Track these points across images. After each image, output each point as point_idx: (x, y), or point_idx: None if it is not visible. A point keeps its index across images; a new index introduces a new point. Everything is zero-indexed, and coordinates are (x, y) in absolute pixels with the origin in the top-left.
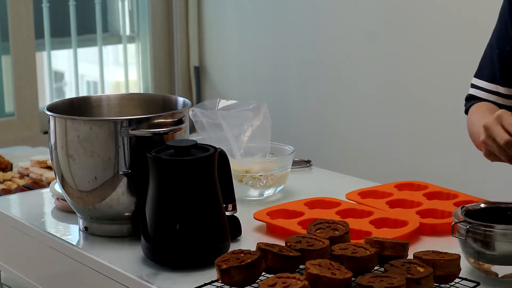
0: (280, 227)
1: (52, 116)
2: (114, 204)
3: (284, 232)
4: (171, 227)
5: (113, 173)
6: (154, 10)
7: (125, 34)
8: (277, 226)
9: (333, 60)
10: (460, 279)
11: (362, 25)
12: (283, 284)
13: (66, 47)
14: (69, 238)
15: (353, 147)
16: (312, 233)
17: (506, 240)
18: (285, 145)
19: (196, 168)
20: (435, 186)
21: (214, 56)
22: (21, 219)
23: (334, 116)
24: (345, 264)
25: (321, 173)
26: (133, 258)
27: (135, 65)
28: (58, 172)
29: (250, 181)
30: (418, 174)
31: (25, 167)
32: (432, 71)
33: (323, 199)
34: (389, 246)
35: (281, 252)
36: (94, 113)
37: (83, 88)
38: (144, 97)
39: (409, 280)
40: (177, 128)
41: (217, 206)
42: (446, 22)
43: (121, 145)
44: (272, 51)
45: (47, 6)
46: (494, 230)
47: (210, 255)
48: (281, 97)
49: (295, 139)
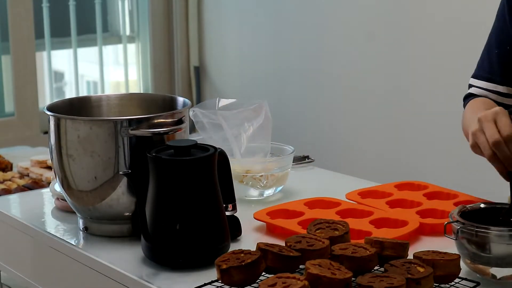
0: (280, 227)
1: (52, 116)
2: (114, 204)
3: (284, 232)
4: (171, 227)
5: (113, 173)
6: (154, 10)
7: (125, 34)
8: (277, 226)
9: (333, 60)
10: (460, 279)
11: (362, 25)
12: (283, 284)
13: (66, 47)
14: (69, 238)
15: (353, 147)
16: (312, 233)
17: (501, 242)
18: (285, 145)
19: (196, 168)
20: (435, 186)
21: (214, 56)
22: (21, 219)
23: (334, 116)
24: (345, 264)
25: (321, 173)
26: (133, 258)
27: (135, 65)
28: (58, 172)
29: (251, 182)
30: (418, 174)
31: (25, 167)
32: (433, 71)
33: (323, 199)
34: (389, 246)
35: (281, 252)
36: (94, 113)
37: (83, 88)
38: (144, 97)
39: (409, 280)
40: (177, 128)
41: (217, 206)
42: (446, 22)
43: (121, 145)
44: (272, 51)
45: (47, 6)
46: (487, 232)
47: (210, 255)
48: (281, 97)
49: (294, 139)
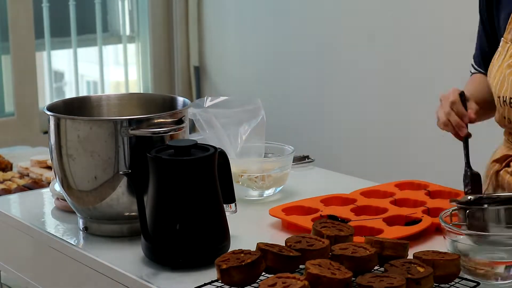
0: (294, 224)
1: (52, 116)
2: (114, 204)
3: (298, 229)
4: (171, 227)
5: (113, 173)
6: (154, 10)
7: (125, 34)
8: (292, 222)
9: (333, 59)
10: (460, 279)
11: (362, 25)
12: (283, 284)
13: (66, 47)
14: (69, 238)
15: (353, 147)
16: (318, 229)
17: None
18: (285, 145)
19: (196, 168)
20: (435, 185)
21: (214, 56)
22: (21, 219)
23: (334, 115)
24: (345, 264)
25: (321, 172)
26: (133, 258)
27: (135, 65)
28: (58, 172)
29: (246, 183)
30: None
31: (25, 167)
32: (433, 71)
33: (340, 196)
34: (389, 246)
35: (281, 252)
36: (94, 113)
37: (83, 88)
38: (144, 97)
39: (409, 280)
40: (177, 128)
41: (217, 206)
42: (447, 22)
43: (121, 145)
44: (272, 50)
45: (47, 6)
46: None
47: (210, 255)
48: (281, 96)
49: (294, 138)
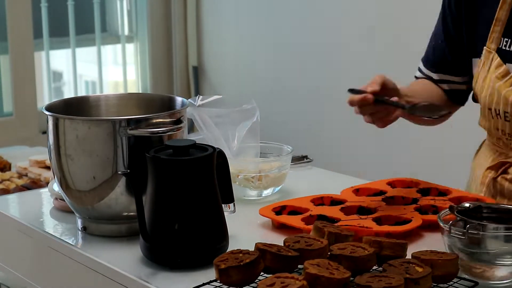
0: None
1: (50, 116)
2: (113, 204)
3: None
4: (169, 227)
5: (112, 173)
6: (152, 10)
7: (123, 34)
8: (281, 222)
9: (331, 60)
10: (459, 279)
11: (361, 24)
12: (282, 284)
13: (64, 47)
14: (67, 238)
15: (351, 147)
16: (320, 226)
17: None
18: (283, 145)
19: (194, 168)
20: (426, 183)
21: (213, 56)
22: (19, 219)
23: (332, 115)
24: (343, 263)
25: (320, 172)
26: (132, 258)
27: (133, 65)
28: (56, 172)
29: (243, 183)
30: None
31: (24, 167)
32: None
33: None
34: (388, 246)
35: (280, 252)
36: (92, 113)
37: (82, 88)
38: (142, 97)
39: (408, 280)
40: (176, 127)
41: (216, 206)
42: None
43: (120, 145)
44: (270, 50)
45: (46, 6)
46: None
47: (209, 255)
48: (279, 96)
49: (293, 138)
